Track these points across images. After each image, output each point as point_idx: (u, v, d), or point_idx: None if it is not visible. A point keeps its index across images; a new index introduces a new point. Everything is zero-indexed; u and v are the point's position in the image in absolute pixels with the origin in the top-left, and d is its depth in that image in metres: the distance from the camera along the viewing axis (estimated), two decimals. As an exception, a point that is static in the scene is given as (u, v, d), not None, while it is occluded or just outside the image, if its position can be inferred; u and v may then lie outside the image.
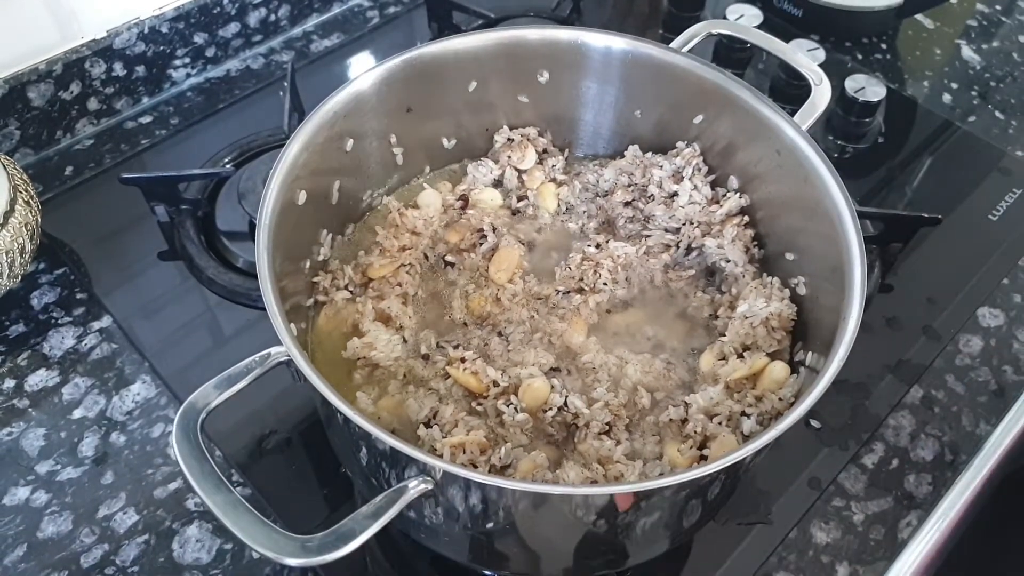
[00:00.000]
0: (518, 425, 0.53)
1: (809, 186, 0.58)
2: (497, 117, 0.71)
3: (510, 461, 0.52)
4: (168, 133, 0.93)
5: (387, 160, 0.69)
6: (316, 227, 0.63)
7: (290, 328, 0.47)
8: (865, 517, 0.68)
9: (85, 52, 0.87)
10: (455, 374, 0.57)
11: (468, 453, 0.51)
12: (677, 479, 0.42)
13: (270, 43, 1.03)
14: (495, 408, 0.55)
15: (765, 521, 0.67)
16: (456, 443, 0.51)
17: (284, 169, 0.54)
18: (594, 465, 0.52)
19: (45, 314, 0.77)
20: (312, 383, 0.44)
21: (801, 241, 0.61)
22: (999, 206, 0.89)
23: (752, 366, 0.57)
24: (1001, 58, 1.08)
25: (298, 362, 0.45)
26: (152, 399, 0.72)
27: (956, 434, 0.73)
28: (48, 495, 0.66)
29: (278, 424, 0.70)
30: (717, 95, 0.64)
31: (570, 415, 0.55)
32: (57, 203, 0.86)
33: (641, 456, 0.55)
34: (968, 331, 0.80)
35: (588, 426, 0.54)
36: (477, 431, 0.52)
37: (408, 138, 0.68)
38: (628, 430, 0.56)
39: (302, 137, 0.56)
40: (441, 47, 0.63)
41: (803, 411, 0.44)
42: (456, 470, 0.41)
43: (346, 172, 0.63)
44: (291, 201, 0.56)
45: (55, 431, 0.70)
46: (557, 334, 0.61)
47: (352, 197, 0.66)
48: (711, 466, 0.43)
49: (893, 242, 0.81)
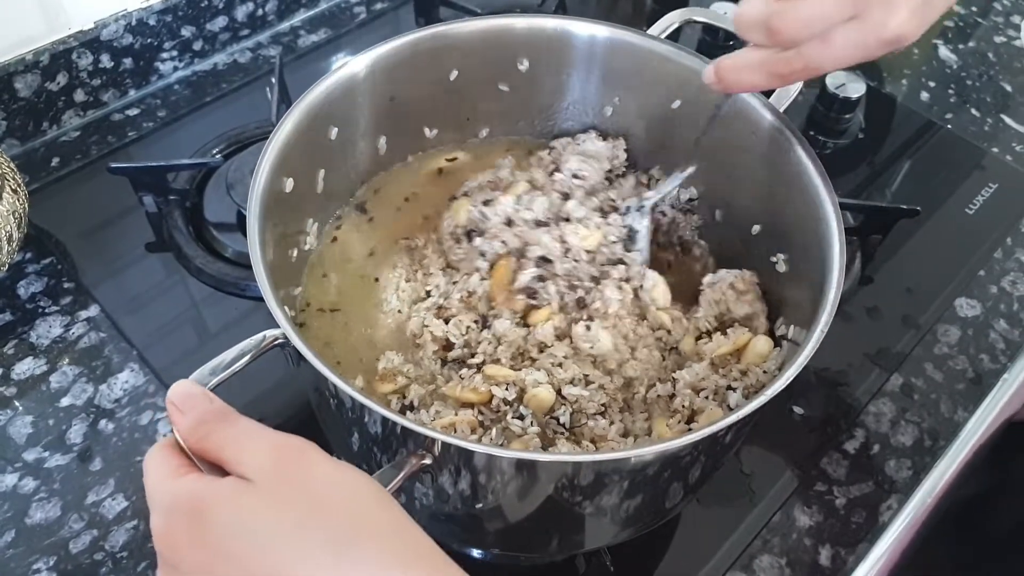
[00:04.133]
0: (530, 437, 0.53)
1: (787, 165, 0.60)
2: (476, 106, 0.72)
3: (501, 442, 0.52)
4: (155, 126, 0.93)
5: (371, 149, 0.69)
6: (303, 216, 0.64)
7: (284, 310, 0.47)
8: (847, 501, 0.69)
9: (72, 43, 0.87)
10: (463, 396, 0.56)
11: (459, 432, 0.52)
12: (672, 444, 0.43)
13: (257, 37, 1.03)
14: (504, 423, 0.55)
15: (749, 504, 0.68)
16: (447, 423, 0.52)
17: (275, 151, 0.54)
18: (585, 443, 0.53)
19: (32, 303, 0.77)
20: (310, 362, 0.44)
21: (779, 219, 0.62)
22: (975, 200, 0.91)
23: (736, 341, 0.58)
24: (977, 58, 1.10)
25: (295, 341, 0.45)
26: (140, 387, 0.72)
27: (935, 420, 0.75)
28: (36, 482, 0.66)
29: (270, 411, 0.70)
30: (694, 81, 0.65)
31: (571, 404, 0.55)
32: (44, 194, 0.86)
33: (632, 433, 0.56)
34: (946, 321, 0.81)
35: (583, 409, 0.55)
36: (466, 411, 0.53)
37: (391, 127, 0.69)
38: (621, 411, 0.57)
39: (292, 120, 0.57)
40: (429, 34, 0.64)
41: (788, 378, 0.45)
42: (456, 441, 0.42)
43: (331, 161, 0.64)
44: (279, 188, 0.56)
45: (43, 419, 0.70)
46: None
47: (336, 186, 0.67)
48: (699, 433, 0.44)
49: (873, 234, 0.83)
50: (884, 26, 0.45)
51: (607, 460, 0.45)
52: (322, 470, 0.38)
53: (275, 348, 0.47)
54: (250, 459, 0.38)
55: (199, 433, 0.39)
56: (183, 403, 0.40)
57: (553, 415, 0.55)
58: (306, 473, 0.37)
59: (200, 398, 0.41)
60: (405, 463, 0.43)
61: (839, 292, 0.49)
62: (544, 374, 0.56)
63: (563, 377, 0.56)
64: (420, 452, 0.43)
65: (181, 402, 0.40)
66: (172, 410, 0.40)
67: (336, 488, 0.38)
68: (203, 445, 0.39)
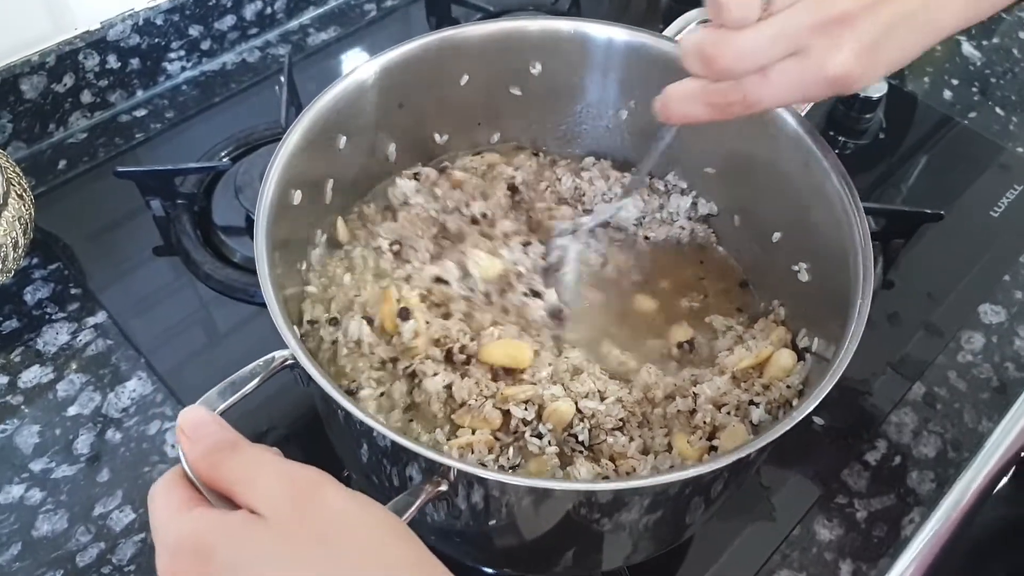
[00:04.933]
0: (549, 456, 0.52)
1: (808, 172, 0.58)
2: (489, 111, 0.70)
3: (519, 461, 0.51)
4: (163, 127, 0.92)
5: (380, 157, 0.68)
6: (311, 227, 0.62)
7: (294, 330, 0.46)
8: (868, 514, 0.68)
9: (78, 44, 0.86)
10: (474, 425, 0.54)
11: (476, 453, 0.50)
12: (696, 471, 0.42)
13: (266, 36, 1.02)
14: (523, 441, 0.53)
15: (768, 518, 0.66)
16: (463, 443, 0.50)
17: (281, 166, 0.53)
18: (604, 461, 0.52)
19: (39, 309, 0.76)
20: (321, 386, 0.43)
21: (801, 226, 0.60)
22: (1000, 203, 0.89)
23: (758, 355, 0.57)
24: (1001, 55, 1.07)
25: (305, 365, 0.44)
26: (148, 396, 0.71)
27: (958, 431, 0.73)
28: (43, 493, 0.65)
29: (277, 420, 0.69)
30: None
31: (588, 419, 0.54)
32: (50, 198, 0.85)
33: (651, 450, 0.54)
34: (970, 327, 0.79)
35: (601, 425, 0.53)
36: (483, 431, 0.51)
37: (401, 134, 0.67)
38: (640, 426, 0.55)
39: (298, 133, 0.55)
40: (438, 38, 0.63)
41: (818, 398, 0.44)
42: (474, 470, 0.40)
43: (339, 170, 0.62)
44: (287, 201, 0.55)
45: (49, 428, 0.69)
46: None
47: (345, 196, 0.65)
48: (725, 459, 0.42)
49: (895, 238, 0.81)
50: (823, 66, 0.43)
51: (629, 489, 0.43)
52: (337, 504, 0.37)
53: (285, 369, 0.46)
54: (262, 492, 0.36)
55: (209, 462, 0.38)
56: (193, 431, 0.39)
57: (571, 432, 0.53)
58: (320, 508, 0.36)
59: (211, 425, 0.39)
60: (421, 490, 0.42)
61: (867, 307, 0.48)
62: (561, 388, 0.54)
63: (580, 391, 0.54)
64: (436, 479, 0.42)
65: (191, 429, 0.39)
66: (182, 438, 0.39)
67: (351, 523, 0.36)
68: (213, 475, 0.38)
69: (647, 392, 0.56)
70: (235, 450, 0.38)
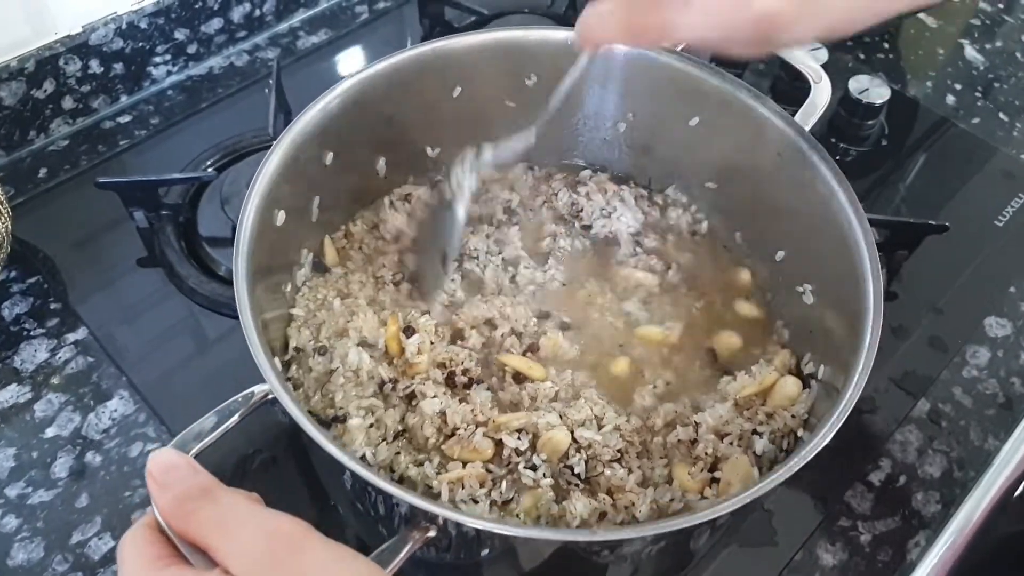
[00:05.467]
0: (544, 490, 0.50)
1: (813, 191, 0.56)
2: (482, 123, 0.68)
3: (512, 495, 0.49)
4: (148, 133, 0.89)
5: (369, 172, 0.65)
6: (296, 247, 0.60)
7: (275, 364, 0.44)
8: (872, 537, 0.66)
9: (59, 48, 0.83)
10: (464, 457, 0.52)
11: (467, 488, 0.48)
12: (695, 520, 0.40)
13: (255, 39, 0.99)
14: (516, 473, 0.51)
15: (770, 543, 0.64)
16: (454, 478, 0.48)
17: (262, 188, 0.51)
18: (601, 495, 0.50)
19: (16, 326, 0.73)
20: (302, 427, 0.41)
21: (805, 247, 0.58)
22: (1005, 211, 0.87)
23: (762, 382, 0.55)
24: (1004, 58, 1.05)
25: (286, 404, 0.42)
26: (130, 416, 0.69)
27: (964, 449, 0.71)
28: (19, 520, 0.63)
29: (262, 443, 0.67)
30: (714, 96, 0.61)
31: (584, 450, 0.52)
32: (30, 207, 0.82)
33: (651, 481, 0.52)
34: (975, 341, 0.77)
35: (598, 456, 0.51)
36: (474, 464, 0.49)
37: (390, 148, 0.65)
38: (639, 456, 0.53)
39: (280, 152, 0.53)
40: (429, 49, 0.60)
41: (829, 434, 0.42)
42: (464, 519, 0.38)
43: (325, 187, 0.60)
44: (269, 223, 0.52)
45: (27, 451, 0.66)
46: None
47: (332, 213, 0.63)
48: (731, 503, 0.40)
49: (899, 249, 0.79)
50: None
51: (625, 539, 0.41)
52: (316, 559, 0.35)
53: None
54: (239, 549, 0.34)
55: (182, 512, 0.35)
56: (164, 476, 0.37)
57: (567, 464, 0.51)
58: (298, 566, 0.34)
59: (183, 469, 0.37)
60: (408, 538, 0.40)
61: (877, 334, 0.45)
62: (556, 415, 0.52)
63: (576, 418, 0.52)
64: (424, 525, 0.40)
65: (162, 475, 0.37)
66: (152, 484, 0.37)
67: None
68: (186, 527, 0.35)
69: (646, 419, 0.54)
70: (209, 499, 0.36)
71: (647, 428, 0.54)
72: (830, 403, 0.46)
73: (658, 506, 0.50)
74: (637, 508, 0.49)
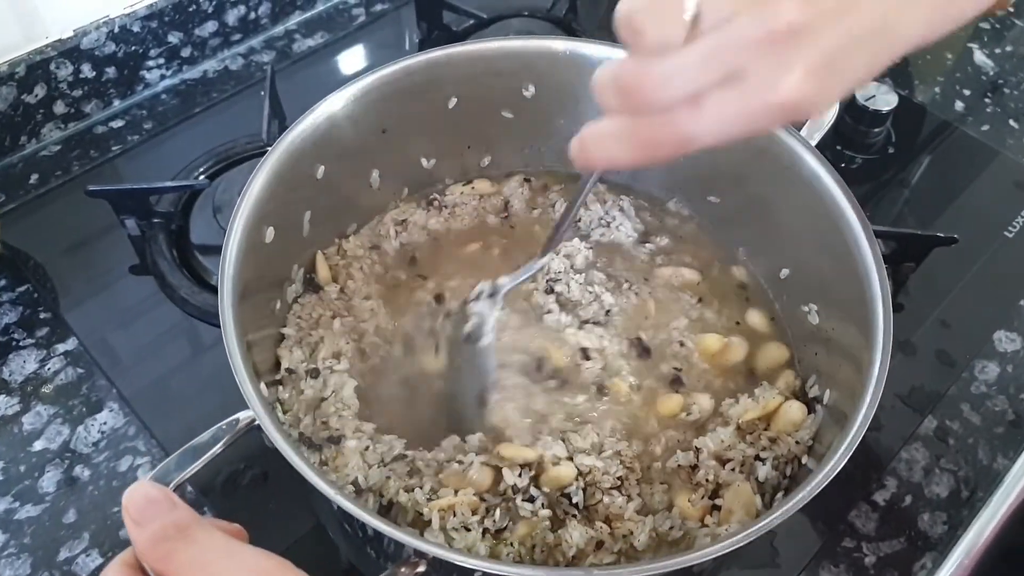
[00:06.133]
0: (539, 520, 0.48)
1: (819, 208, 0.54)
2: (477, 134, 0.66)
3: (506, 523, 0.47)
4: (141, 138, 0.88)
5: (362, 184, 0.64)
6: (286, 263, 0.58)
7: (259, 391, 0.42)
8: (877, 559, 0.64)
9: (50, 53, 0.82)
10: (462, 487, 0.50)
11: (459, 516, 0.47)
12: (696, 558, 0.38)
13: (250, 42, 0.98)
14: (512, 504, 0.50)
15: (771, 564, 0.63)
16: (445, 505, 0.47)
17: (249, 206, 0.49)
18: (598, 524, 0.48)
19: (5, 335, 0.72)
20: (286, 457, 0.39)
21: (811, 265, 0.57)
22: (1015, 222, 0.85)
23: (765, 406, 0.53)
24: (1015, 63, 1.03)
25: (271, 434, 0.40)
26: (120, 429, 0.68)
27: (972, 468, 0.69)
28: (5, 535, 0.62)
29: (252, 457, 0.65)
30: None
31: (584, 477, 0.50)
32: (20, 213, 0.81)
33: (650, 509, 0.50)
34: (984, 357, 0.76)
35: (597, 483, 0.50)
36: (466, 490, 0.48)
37: (384, 160, 0.64)
38: (639, 482, 0.52)
39: (266, 171, 0.51)
40: (424, 60, 0.59)
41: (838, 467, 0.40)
42: (455, 558, 0.37)
43: (318, 201, 0.59)
44: (258, 241, 0.51)
45: (14, 464, 0.65)
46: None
47: (324, 228, 0.61)
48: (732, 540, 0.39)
49: (905, 262, 0.77)
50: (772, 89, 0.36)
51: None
52: None
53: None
54: None
55: (159, 553, 0.34)
56: (140, 513, 0.35)
57: (564, 492, 0.49)
58: None
59: (161, 504, 0.35)
60: (397, 573, 0.38)
61: (887, 360, 0.44)
62: (563, 446, 0.51)
63: (579, 446, 0.50)
64: (413, 560, 0.38)
65: (138, 512, 0.35)
66: (128, 521, 0.35)
67: None
68: (164, 568, 0.34)
69: (647, 444, 0.53)
70: (186, 539, 0.34)
71: (648, 453, 0.53)
72: (836, 429, 0.45)
73: (657, 534, 0.48)
74: (636, 537, 0.48)
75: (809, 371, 0.56)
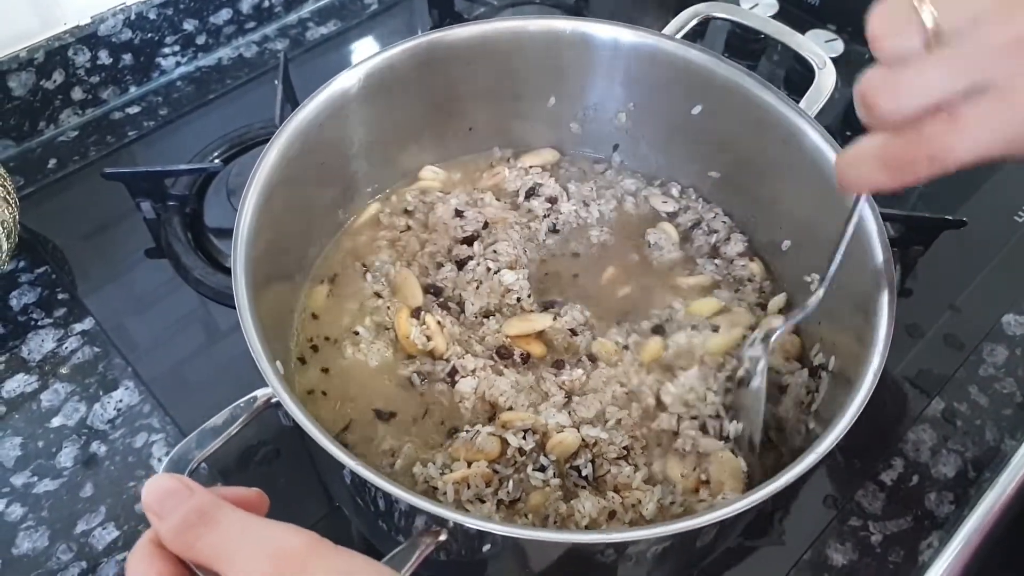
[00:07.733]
0: (552, 489, 0.49)
1: (819, 179, 0.54)
2: (482, 116, 0.67)
3: (519, 495, 0.48)
4: (157, 124, 0.89)
5: (371, 164, 0.64)
6: (303, 244, 0.59)
7: (276, 368, 0.43)
8: (884, 538, 0.64)
9: (68, 39, 0.83)
10: (470, 457, 0.51)
11: (473, 488, 0.47)
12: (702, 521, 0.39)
13: (264, 30, 0.99)
14: (524, 474, 0.50)
15: (777, 542, 0.63)
16: (459, 478, 0.47)
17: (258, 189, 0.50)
18: (610, 494, 0.49)
19: (24, 315, 0.74)
20: (306, 431, 0.40)
21: (812, 236, 0.57)
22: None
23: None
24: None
25: (290, 409, 0.41)
26: (135, 406, 0.69)
27: (979, 449, 0.69)
28: (24, 509, 0.63)
29: (266, 434, 0.66)
30: (716, 83, 0.60)
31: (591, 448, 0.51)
32: (39, 197, 0.82)
33: (656, 479, 0.51)
34: (992, 339, 0.76)
35: (604, 454, 0.50)
36: (479, 462, 0.48)
37: (390, 141, 0.64)
38: (643, 450, 0.52)
39: (278, 147, 0.52)
40: (426, 41, 0.59)
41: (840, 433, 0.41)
42: (476, 524, 0.38)
43: (327, 181, 0.59)
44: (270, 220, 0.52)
45: (32, 440, 0.67)
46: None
47: (332, 208, 0.62)
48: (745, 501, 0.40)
49: (914, 245, 0.77)
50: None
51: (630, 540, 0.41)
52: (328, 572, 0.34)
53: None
54: (245, 573, 0.33)
55: (185, 542, 0.35)
56: (161, 506, 0.35)
57: (573, 465, 0.50)
58: None
59: (180, 494, 0.36)
60: (419, 542, 0.39)
61: (888, 342, 0.44)
62: (567, 415, 0.51)
63: (584, 416, 0.51)
64: (434, 528, 0.39)
65: (159, 505, 0.35)
66: (150, 516, 0.36)
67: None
68: (192, 555, 0.35)
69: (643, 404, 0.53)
70: (209, 524, 0.34)
71: (648, 415, 0.53)
72: (843, 395, 0.45)
73: (662, 507, 0.49)
74: (644, 506, 0.48)
75: (812, 340, 0.56)
